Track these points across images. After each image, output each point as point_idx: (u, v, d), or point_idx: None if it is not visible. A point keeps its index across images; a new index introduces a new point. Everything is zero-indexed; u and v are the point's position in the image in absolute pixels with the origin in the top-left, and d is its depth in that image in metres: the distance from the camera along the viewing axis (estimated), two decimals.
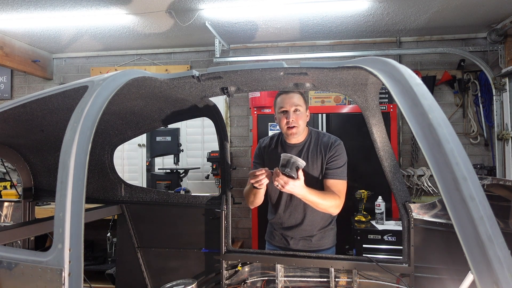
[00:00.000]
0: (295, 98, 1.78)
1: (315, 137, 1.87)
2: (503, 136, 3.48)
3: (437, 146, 0.68)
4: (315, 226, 1.86)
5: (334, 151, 1.80)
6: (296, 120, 1.77)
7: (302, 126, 1.81)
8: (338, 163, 1.79)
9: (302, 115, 1.79)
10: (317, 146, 1.84)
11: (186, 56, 4.32)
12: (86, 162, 0.83)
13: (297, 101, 1.78)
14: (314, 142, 1.85)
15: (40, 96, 1.14)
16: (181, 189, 3.37)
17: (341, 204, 1.75)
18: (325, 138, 1.85)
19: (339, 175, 1.78)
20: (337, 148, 1.81)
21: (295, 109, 1.78)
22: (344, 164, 1.81)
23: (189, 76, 1.27)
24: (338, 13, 3.21)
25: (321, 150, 1.82)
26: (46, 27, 3.50)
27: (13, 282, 0.85)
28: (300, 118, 1.79)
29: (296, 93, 1.80)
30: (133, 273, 2.06)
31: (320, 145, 1.83)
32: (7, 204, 2.27)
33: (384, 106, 3.31)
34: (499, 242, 0.59)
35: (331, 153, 1.80)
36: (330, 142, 1.82)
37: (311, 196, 1.62)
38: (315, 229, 1.86)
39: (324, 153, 1.81)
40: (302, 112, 1.79)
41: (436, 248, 1.57)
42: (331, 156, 1.80)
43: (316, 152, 1.83)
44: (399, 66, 0.89)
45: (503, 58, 3.50)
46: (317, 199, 1.64)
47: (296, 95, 1.79)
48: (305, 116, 1.82)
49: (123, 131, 1.93)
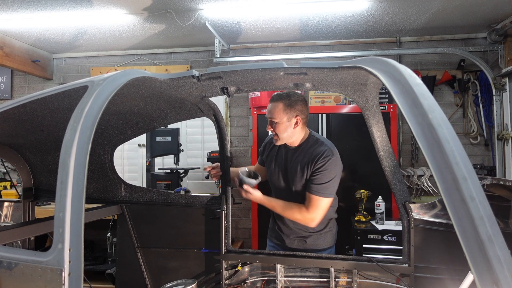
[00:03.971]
0: (272, 109, 1.76)
1: (310, 145, 1.80)
2: (503, 136, 3.48)
3: (437, 146, 0.68)
4: (308, 229, 1.84)
5: (320, 165, 1.70)
6: (274, 130, 1.78)
7: (284, 136, 1.77)
8: (321, 178, 1.69)
9: (278, 126, 1.75)
10: (306, 154, 1.77)
11: (186, 56, 4.31)
12: (86, 162, 0.83)
13: (272, 113, 1.75)
14: (308, 150, 1.79)
15: (40, 96, 1.14)
16: (181, 189, 3.37)
17: (312, 218, 1.70)
18: (318, 149, 1.75)
19: (318, 191, 1.68)
20: (325, 163, 1.69)
21: (270, 121, 1.79)
22: (329, 181, 1.69)
23: (189, 76, 1.27)
24: (338, 13, 3.21)
25: (308, 161, 1.74)
26: (46, 27, 3.50)
27: (13, 282, 0.85)
28: (277, 128, 1.76)
29: (279, 103, 1.74)
30: (133, 273, 2.06)
31: (311, 154, 1.75)
32: (7, 204, 2.28)
33: (384, 106, 3.31)
34: (499, 242, 0.59)
35: (316, 167, 1.71)
36: (319, 155, 1.71)
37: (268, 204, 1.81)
38: (309, 232, 1.86)
39: (313, 159, 1.73)
40: (278, 123, 1.74)
41: (436, 248, 1.57)
42: (316, 170, 1.71)
43: (303, 160, 1.77)
44: (399, 66, 0.89)
45: (503, 58, 3.50)
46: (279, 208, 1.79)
47: (276, 106, 1.74)
48: (284, 126, 1.75)
49: (123, 131, 1.94)
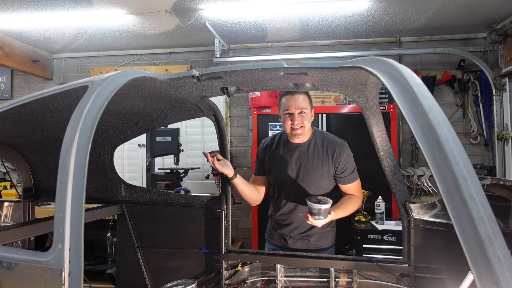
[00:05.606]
0: (300, 100, 1.76)
1: (321, 138, 1.86)
2: (503, 136, 3.48)
3: (437, 146, 0.68)
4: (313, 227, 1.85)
5: (344, 159, 1.81)
6: (301, 122, 1.77)
7: (308, 127, 1.81)
8: (350, 166, 1.83)
9: (307, 117, 1.78)
10: (323, 147, 1.83)
11: (186, 56, 4.31)
12: (86, 162, 0.82)
13: (302, 104, 1.76)
14: (321, 143, 1.85)
15: (40, 96, 1.13)
16: (181, 189, 3.37)
17: (361, 199, 1.90)
18: (332, 141, 1.85)
19: (354, 177, 1.85)
20: (345, 152, 1.82)
21: (300, 112, 1.76)
22: (354, 166, 1.86)
23: (189, 76, 1.27)
24: (338, 13, 3.21)
25: (327, 152, 1.82)
26: (46, 27, 3.50)
27: (13, 282, 0.85)
28: (306, 119, 1.78)
29: (301, 93, 1.77)
30: (133, 273, 2.06)
31: (326, 146, 1.83)
32: (7, 204, 2.27)
33: (384, 106, 3.31)
34: (499, 242, 0.59)
35: (342, 163, 1.81)
36: (339, 149, 1.81)
37: (338, 216, 1.73)
38: (314, 229, 1.86)
39: (331, 157, 1.81)
40: (307, 114, 1.78)
41: (436, 248, 1.57)
42: (343, 164, 1.81)
43: (323, 153, 1.82)
44: (399, 66, 0.89)
45: (503, 58, 3.50)
46: (344, 214, 1.76)
47: (301, 96, 1.77)
48: (310, 117, 1.81)
49: (123, 131, 1.93)
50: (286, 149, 1.89)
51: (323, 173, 1.81)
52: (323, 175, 1.81)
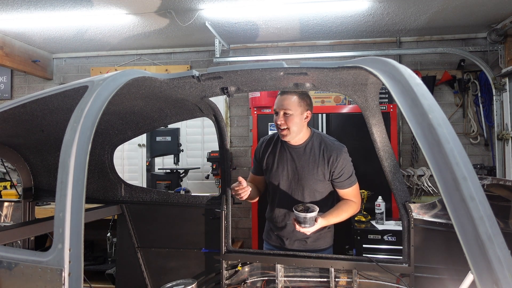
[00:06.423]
0: (287, 100, 1.71)
1: (318, 141, 1.82)
2: (503, 136, 3.48)
3: (437, 146, 0.68)
4: None
5: (341, 165, 1.77)
6: (285, 123, 1.73)
7: (295, 129, 1.74)
8: (348, 171, 1.79)
9: (292, 119, 1.72)
10: (320, 150, 1.79)
11: (186, 56, 4.31)
12: (86, 162, 0.83)
13: (287, 105, 1.71)
14: (318, 146, 1.80)
15: (40, 96, 1.13)
16: (181, 189, 3.37)
17: (359, 205, 1.86)
18: (329, 145, 1.80)
19: (352, 182, 1.81)
20: (342, 157, 1.77)
21: (284, 112, 1.73)
22: (352, 171, 1.82)
23: (189, 76, 1.27)
24: (338, 13, 3.21)
25: (324, 156, 1.78)
26: (46, 27, 3.50)
27: (13, 282, 0.85)
28: (290, 121, 1.72)
29: (293, 95, 1.72)
30: (133, 273, 2.06)
31: (323, 150, 1.79)
32: (7, 204, 2.27)
33: (384, 106, 3.31)
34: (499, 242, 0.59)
35: (338, 168, 1.77)
36: (335, 153, 1.76)
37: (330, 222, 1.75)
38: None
39: (327, 161, 1.77)
40: (292, 115, 1.71)
41: (436, 248, 1.57)
42: (339, 170, 1.77)
43: (319, 156, 1.78)
44: (399, 66, 0.89)
45: (503, 58, 3.50)
46: (337, 219, 1.76)
47: (290, 98, 1.72)
48: (298, 119, 1.74)
49: (123, 131, 1.93)
50: (282, 149, 1.87)
51: (318, 177, 1.78)
52: (318, 178, 1.78)
